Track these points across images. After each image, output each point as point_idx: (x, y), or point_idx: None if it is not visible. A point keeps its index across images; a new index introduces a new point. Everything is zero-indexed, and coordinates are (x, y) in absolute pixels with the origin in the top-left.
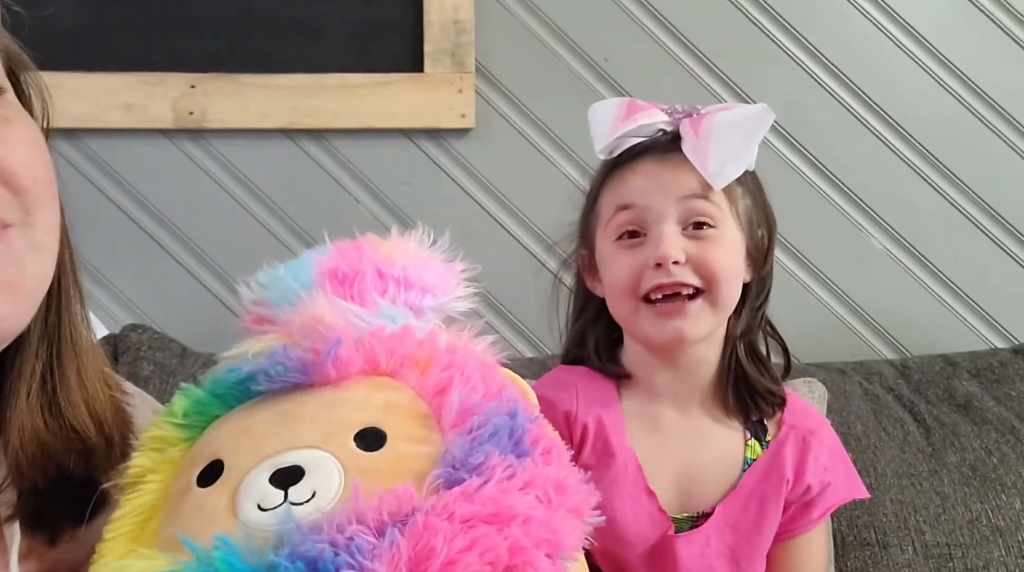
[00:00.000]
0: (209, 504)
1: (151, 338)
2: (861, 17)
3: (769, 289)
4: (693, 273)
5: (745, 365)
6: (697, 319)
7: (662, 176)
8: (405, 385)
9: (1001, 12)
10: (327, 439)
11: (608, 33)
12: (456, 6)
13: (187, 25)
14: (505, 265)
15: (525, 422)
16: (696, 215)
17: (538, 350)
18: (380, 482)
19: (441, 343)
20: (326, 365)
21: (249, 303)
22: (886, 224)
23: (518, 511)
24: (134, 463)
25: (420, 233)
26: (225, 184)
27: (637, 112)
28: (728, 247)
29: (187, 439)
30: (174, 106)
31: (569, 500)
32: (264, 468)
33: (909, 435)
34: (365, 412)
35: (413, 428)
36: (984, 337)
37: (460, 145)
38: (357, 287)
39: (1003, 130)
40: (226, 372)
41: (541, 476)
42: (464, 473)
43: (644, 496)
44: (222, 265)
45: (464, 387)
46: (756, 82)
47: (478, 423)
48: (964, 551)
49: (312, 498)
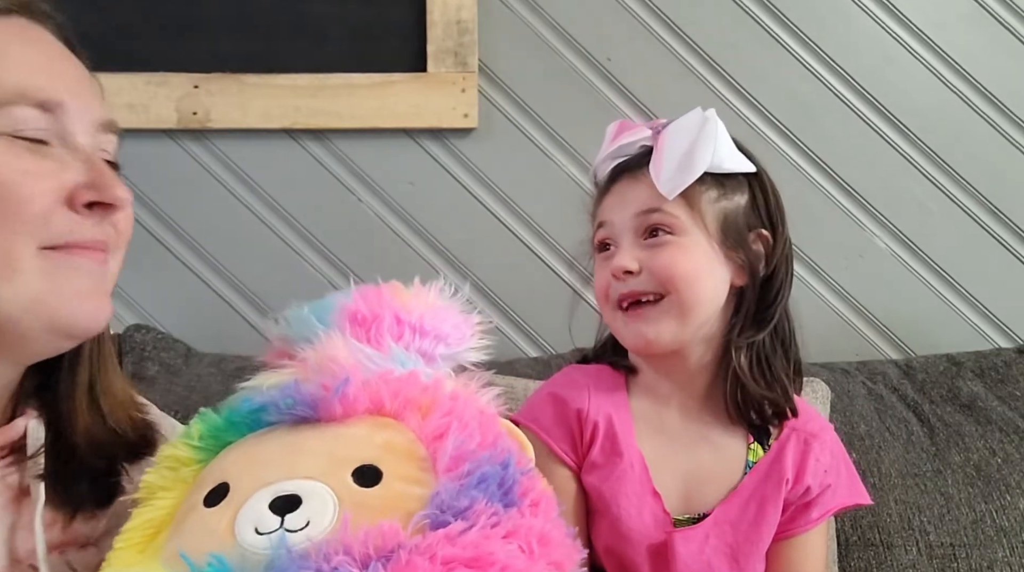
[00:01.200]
0: (211, 523)
1: (156, 338)
2: (864, 15)
3: (779, 295)
4: (649, 279)
5: (742, 373)
6: (658, 323)
7: (626, 193)
8: (406, 427)
9: (1004, 10)
10: (326, 472)
11: (611, 32)
12: (459, 6)
13: (191, 26)
14: (508, 264)
15: (516, 473)
16: (651, 225)
17: (542, 349)
18: (370, 517)
19: (445, 390)
20: (333, 402)
21: (273, 338)
22: (890, 223)
23: (497, 558)
24: (147, 479)
25: (442, 284)
26: (228, 184)
27: (624, 132)
28: (686, 252)
29: (200, 460)
30: (178, 106)
31: (552, 553)
32: (266, 494)
33: (913, 435)
34: (365, 449)
35: (409, 469)
36: (988, 337)
37: (463, 145)
38: (374, 330)
39: (1008, 130)
40: (241, 401)
41: (525, 527)
42: (450, 516)
43: (649, 496)
44: (226, 265)
45: (460, 434)
46: (759, 80)
47: (469, 469)
48: (968, 551)
49: (306, 527)
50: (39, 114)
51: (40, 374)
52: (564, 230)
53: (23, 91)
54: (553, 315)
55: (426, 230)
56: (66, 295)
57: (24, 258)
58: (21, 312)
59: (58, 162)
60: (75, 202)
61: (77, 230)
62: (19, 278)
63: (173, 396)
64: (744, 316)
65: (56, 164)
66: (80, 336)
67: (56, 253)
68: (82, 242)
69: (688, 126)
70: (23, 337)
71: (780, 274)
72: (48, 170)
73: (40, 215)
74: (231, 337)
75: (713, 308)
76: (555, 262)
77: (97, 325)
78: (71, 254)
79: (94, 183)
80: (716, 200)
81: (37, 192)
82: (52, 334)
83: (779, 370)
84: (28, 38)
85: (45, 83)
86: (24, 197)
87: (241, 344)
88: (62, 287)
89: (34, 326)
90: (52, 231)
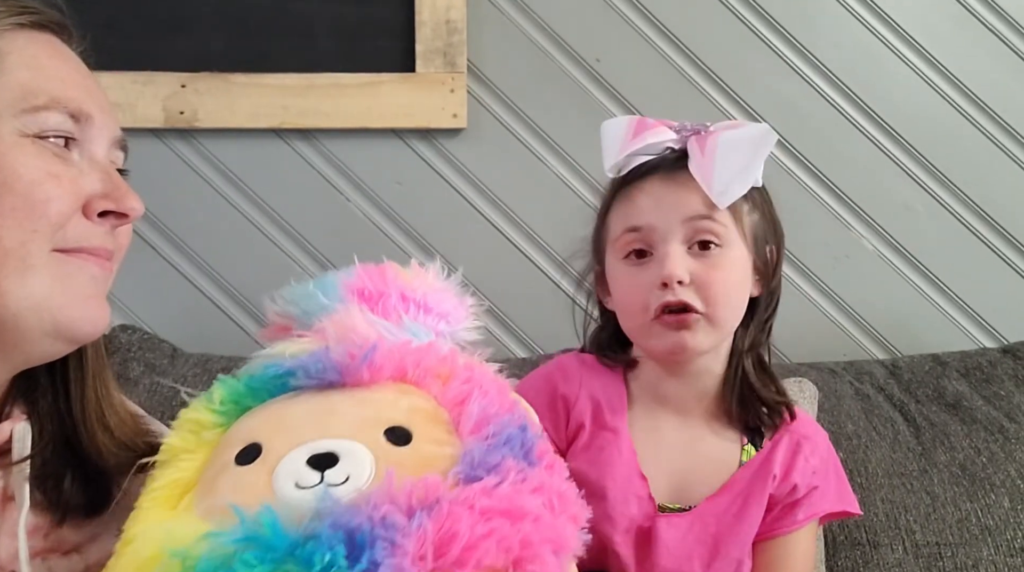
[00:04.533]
0: (248, 480)
1: (141, 339)
2: (851, 18)
3: (777, 302)
4: (695, 294)
5: (752, 378)
6: (699, 334)
7: (668, 196)
8: (427, 394)
9: (990, 13)
10: (359, 432)
11: (600, 33)
12: (448, 6)
13: (178, 24)
14: (496, 264)
15: (534, 437)
16: (701, 234)
17: (530, 350)
18: (408, 473)
19: (460, 360)
20: (361, 368)
21: (274, 315)
22: (876, 225)
23: (529, 510)
24: (169, 442)
25: (439, 265)
26: (216, 184)
27: (646, 130)
28: (733, 266)
29: (221, 424)
30: (164, 105)
31: (570, 508)
32: (301, 452)
33: (899, 435)
34: (393, 412)
35: (435, 432)
36: (973, 337)
37: (452, 145)
38: (382, 306)
39: (993, 132)
40: (263, 367)
41: (547, 484)
42: (482, 471)
43: (637, 479)
44: (213, 265)
45: (482, 399)
46: (747, 83)
47: (494, 431)
48: (954, 550)
49: (346, 481)
50: (70, 123)
51: (28, 379)
52: (553, 230)
53: (58, 99)
54: (541, 315)
55: (414, 230)
56: (72, 298)
57: (38, 257)
58: (27, 310)
59: (79, 170)
60: (90, 210)
61: (89, 237)
62: (30, 276)
63: (158, 396)
64: (755, 324)
65: (77, 172)
66: (80, 339)
67: (68, 256)
68: (91, 248)
69: (749, 137)
70: (22, 337)
71: (777, 288)
72: (71, 176)
73: (59, 218)
74: (217, 337)
75: (737, 322)
76: (543, 262)
77: (97, 330)
78: (80, 259)
79: (110, 193)
80: (750, 212)
81: (59, 195)
82: (52, 336)
83: (774, 373)
84: (61, 54)
85: (77, 95)
86: (47, 198)
87: (227, 344)
88: (69, 290)
89: (36, 326)
90: (67, 235)
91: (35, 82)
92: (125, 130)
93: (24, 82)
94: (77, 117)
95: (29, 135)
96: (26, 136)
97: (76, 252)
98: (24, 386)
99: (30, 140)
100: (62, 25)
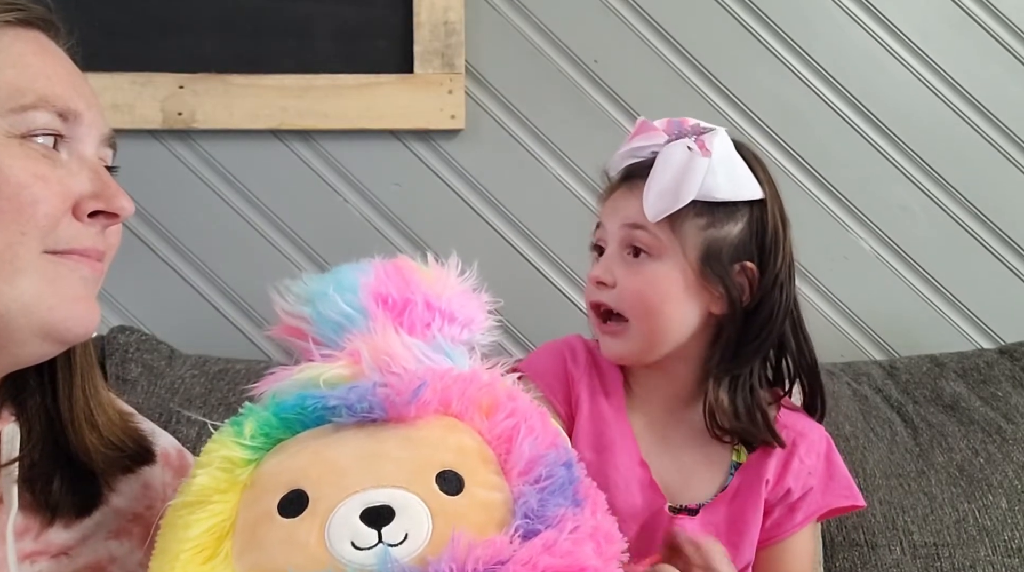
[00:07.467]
0: (299, 536)
1: (139, 340)
2: (851, 21)
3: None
4: (619, 299)
5: (717, 406)
6: (624, 342)
7: (620, 200)
8: (472, 428)
9: (989, 17)
10: (412, 480)
11: (598, 35)
12: (446, 7)
13: (176, 25)
14: (494, 266)
15: (579, 473)
16: (633, 241)
17: (528, 350)
18: (464, 527)
19: (501, 388)
20: (409, 405)
21: (284, 314)
22: (874, 226)
23: (588, 564)
24: (200, 482)
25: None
26: (214, 185)
27: (641, 133)
28: (656, 277)
29: (252, 460)
30: (163, 106)
31: (614, 548)
32: (354, 505)
33: (897, 436)
34: (442, 453)
35: (485, 474)
36: (971, 338)
37: (450, 146)
38: (408, 317)
39: (990, 134)
40: (299, 398)
41: (595, 527)
42: (539, 524)
43: (638, 467)
44: (211, 267)
45: (530, 436)
46: (745, 83)
47: (545, 474)
48: (952, 551)
49: (404, 540)
50: (59, 121)
51: (16, 380)
52: (551, 232)
53: (46, 98)
54: (539, 316)
55: (412, 231)
56: (62, 299)
57: (27, 259)
58: (16, 312)
59: (67, 170)
60: (80, 211)
61: (80, 238)
62: (20, 278)
63: (156, 398)
64: (724, 346)
65: (65, 172)
66: (70, 341)
67: (59, 258)
68: (82, 249)
69: (674, 158)
70: (11, 340)
71: (767, 309)
72: (59, 177)
73: (47, 220)
74: (215, 339)
75: (679, 336)
76: (541, 263)
77: (87, 331)
78: (71, 260)
79: (100, 193)
80: (703, 228)
81: (46, 198)
82: (42, 338)
83: (764, 403)
84: (48, 51)
85: (64, 93)
86: (36, 200)
87: (225, 346)
88: (59, 292)
89: (25, 328)
90: (58, 236)
91: (22, 81)
92: (123, 131)
93: (10, 81)
94: (65, 115)
95: (16, 136)
96: (13, 137)
97: (67, 254)
98: (13, 388)
99: (17, 141)
100: (48, 21)
